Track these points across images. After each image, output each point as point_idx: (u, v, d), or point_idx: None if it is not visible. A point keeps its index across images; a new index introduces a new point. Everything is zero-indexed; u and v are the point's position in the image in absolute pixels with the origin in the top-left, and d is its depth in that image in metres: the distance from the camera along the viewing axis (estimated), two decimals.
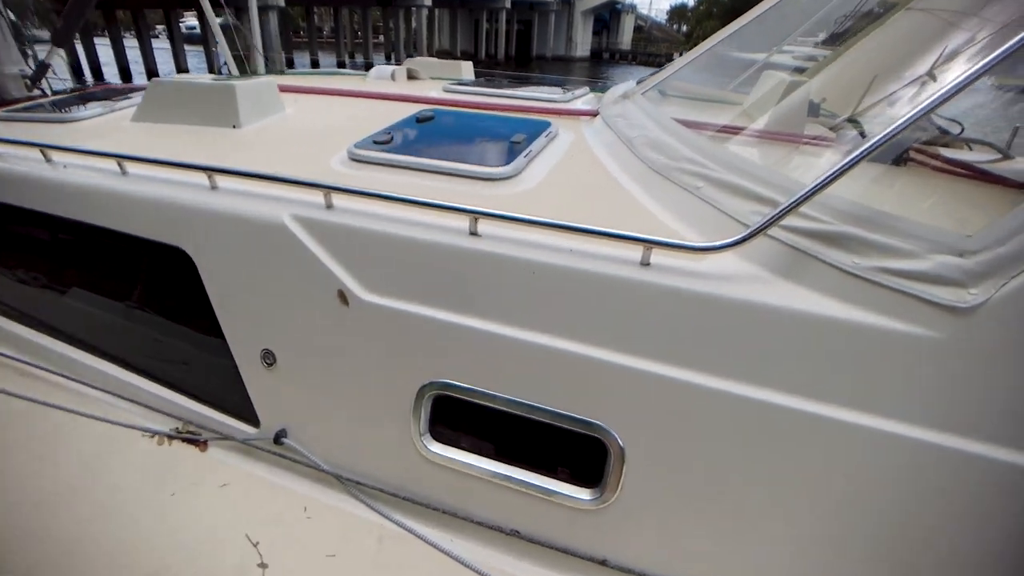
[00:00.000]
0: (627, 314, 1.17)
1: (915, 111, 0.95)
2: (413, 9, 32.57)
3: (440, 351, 1.35)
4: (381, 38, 43.85)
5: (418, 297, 1.33)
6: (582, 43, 51.40)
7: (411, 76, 3.46)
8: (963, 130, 2.49)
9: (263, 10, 22.22)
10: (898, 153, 1.75)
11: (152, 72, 24.19)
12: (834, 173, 0.96)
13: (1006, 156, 2.02)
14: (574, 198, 1.49)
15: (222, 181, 1.54)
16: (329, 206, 1.39)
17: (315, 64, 33.23)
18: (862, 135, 2.29)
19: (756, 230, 1.04)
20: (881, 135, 0.95)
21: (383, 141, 1.72)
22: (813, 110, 2.62)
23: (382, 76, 3.37)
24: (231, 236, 1.48)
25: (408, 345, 1.37)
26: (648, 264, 1.15)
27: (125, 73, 24.55)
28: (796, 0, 2.54)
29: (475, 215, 1.25)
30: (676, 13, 79.60)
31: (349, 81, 3.35)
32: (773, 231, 1.09)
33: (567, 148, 1.89)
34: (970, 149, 2.07)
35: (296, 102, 2.49)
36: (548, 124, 2.00)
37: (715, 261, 1.14)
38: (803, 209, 1.05)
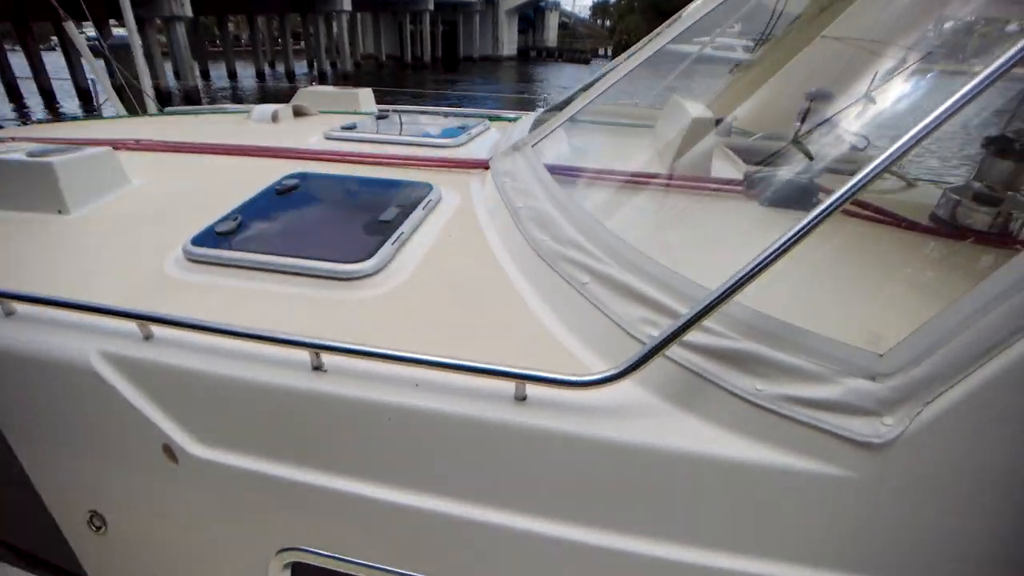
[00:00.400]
0: (504, 462, 1.01)
1: (887, 155, 0.81)
2: (333, 14, 31.57)
3: (290, 513, 1.15)
4: (303, 44, 42.49)
5: (259, 450, 1.12)
6: (508, 42, 51.65)
7: (299, 113, 3.18)
8: (868, 144, 2.56)
9: (169, 21, 20.86)
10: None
11: (44, 89, 22.17)
12: (746, 274, 0.83)
13: (909, 184, 2.06)
14: (449, 300, 1.29)
15: (20, 305, 1.22)
16: (147, 337, 1.14)
17: (232, 75, 31.75)
18: (809, 157, 2.30)
19: (645, 356, 0.89)
20: (833, 199, 0.82)
21: (226, 231, 1.47)
22: (724, 129, 2.64)
23: (263, 118, 3.02)
24: (31, 381, 1.20)
25: (252, 507, 1.17)
26: (524, 399, 0.99)
27: (12, 90, 22.19)
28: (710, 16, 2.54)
29: (315, 349, 1.03)
30: (599, 9, 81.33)
31: (226, 125, 3.02)
32: (670, 349, 0.95)
33: (448, 219, 1.69)
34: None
35: (151, 166, 2.14)
36: (429, 188, 1.80)
37: (601, 390, 0.98)
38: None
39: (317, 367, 1.07)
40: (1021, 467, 0.83)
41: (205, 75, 30.73)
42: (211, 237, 1.45)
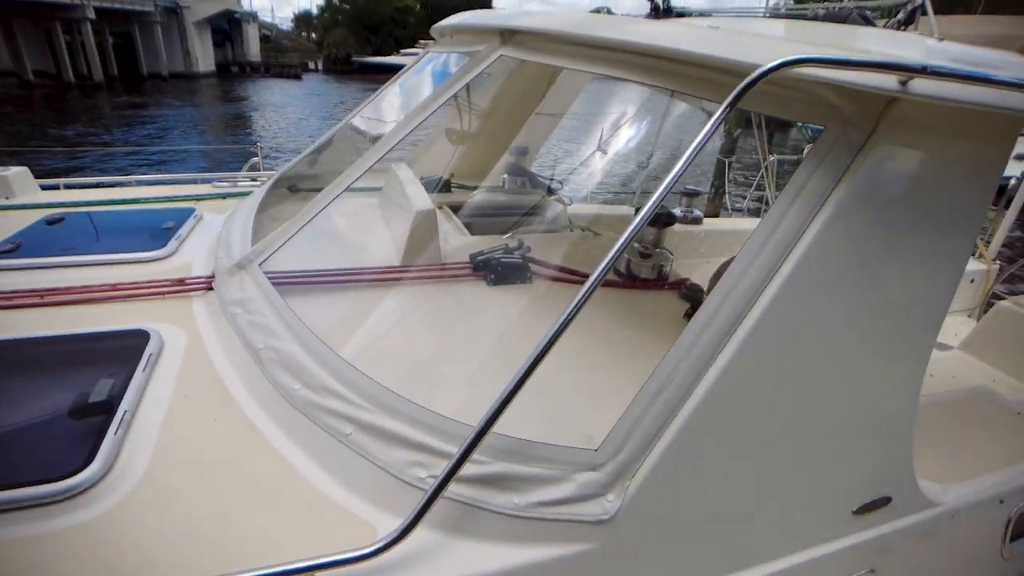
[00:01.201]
0: None
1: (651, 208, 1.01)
2: None
3: None
4: None
5: None
6: (204, 57, 46.25)
7: None
8: (561, 186, 3.37)
9: None
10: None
11: None
12: (500, 405, 0.95)
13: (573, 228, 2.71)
14: (206, 491, 1.11)
15: None
16: None
17: None
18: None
19: (424, 506, 0.96)
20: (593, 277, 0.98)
21: None
22: (445, 186, 3.08)
23: None
24: None
25: None
26: None
27: None
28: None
29: None
30: (302, 21, 78.39)
31: None
32: (428, 478, 1.07)
33: (179, 373, 1.41)
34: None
35: None
36: (146, 338, 1.47)
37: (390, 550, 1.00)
38: (455, 448, 1.03)
39: None
40: (705, 504, 1.16)
41: None
42: None
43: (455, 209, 2.75)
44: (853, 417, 1.28)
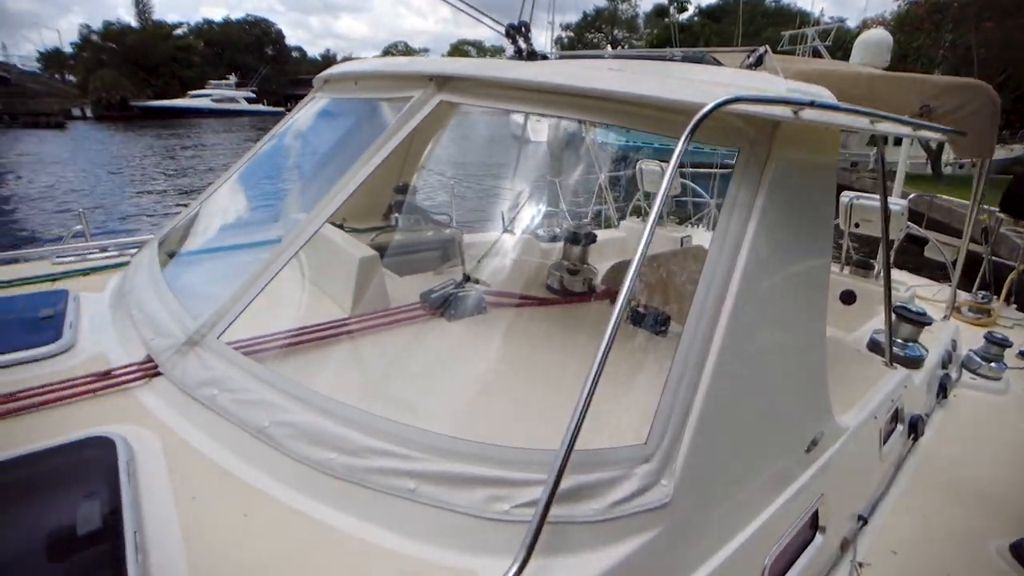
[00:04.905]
0: None
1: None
2: None
3: None
4: None
5: None
6: None
7: None
8: (451, 219, 3.48)
9: None
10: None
11: None
12: (577, 423, 0.99)
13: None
14: None
15: None
16: None
17: None
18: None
19: (533, 539, 0.94)
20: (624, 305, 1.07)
21: None
22: (339, 228, 2.99)
23: None
24: None
25: None
26: None
27: None
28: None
29: None
30: (52, 61, 66.86)
31: None
32: (512, 510, 1.11)
33: (170, 476, 1.24)
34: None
35: None
36: (111, 445, 1.27)
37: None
38: (531, 475, 1.13)
39: None
40: (729, 465, 1.35)
41: None
42: None
43: None
44: (799, 372, 1.62)
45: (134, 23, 66.03)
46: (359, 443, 1.22)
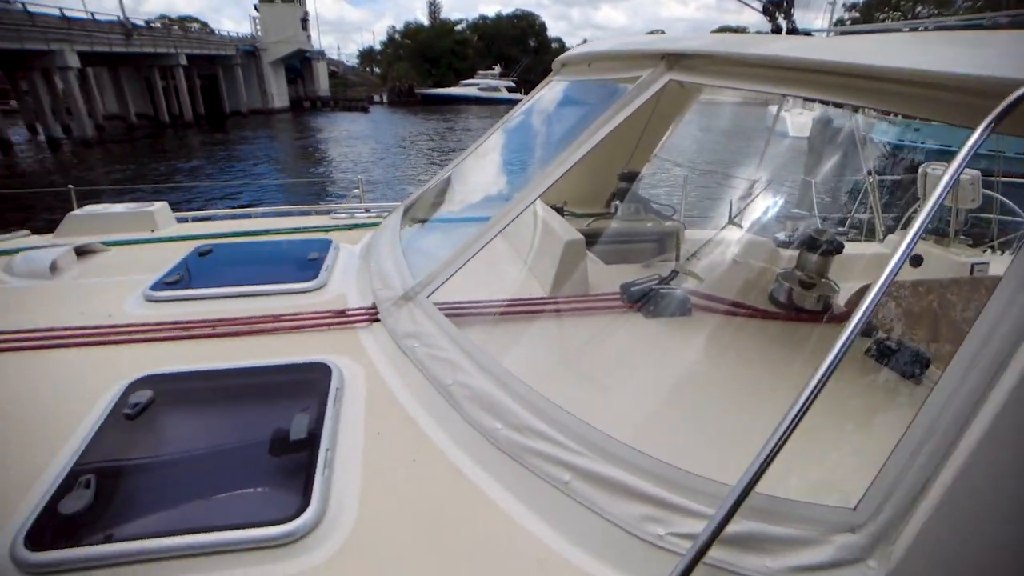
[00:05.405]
0: None
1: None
2: (55, 71, 26.84)
3: None
4: (13, 103, 34.99)
5: None
6: (278, 94, 49.52)
7: (83, 252, 2.45)
8: (675, 212, 3.32)
9: None
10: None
11: None
12: (766, 460, 0.86)
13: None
14: (420, 544, 1.05)
15: None
16: None
17: None
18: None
19: (687, 568, 0.85)
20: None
21: (77, 512, 1.03)
22: (559, 213, 3.01)
23: (35, 271, 2.15)
24: None
25: None
26: None
27: None
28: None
29: None
30: (366, 56, 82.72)
31: None
32: (667, 536, 0.99)
33: (365, 409, 1.39)
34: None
35: None
36: (328, 372, 1.46)
37: None
38: (697, 505, 0.98)
39: None
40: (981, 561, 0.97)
41: None
42: (57, 526, 1.01)
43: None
44: None
45: (426, 22, 77.70)
46: (524, 421, 1.21)
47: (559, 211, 3.06)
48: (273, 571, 0.97)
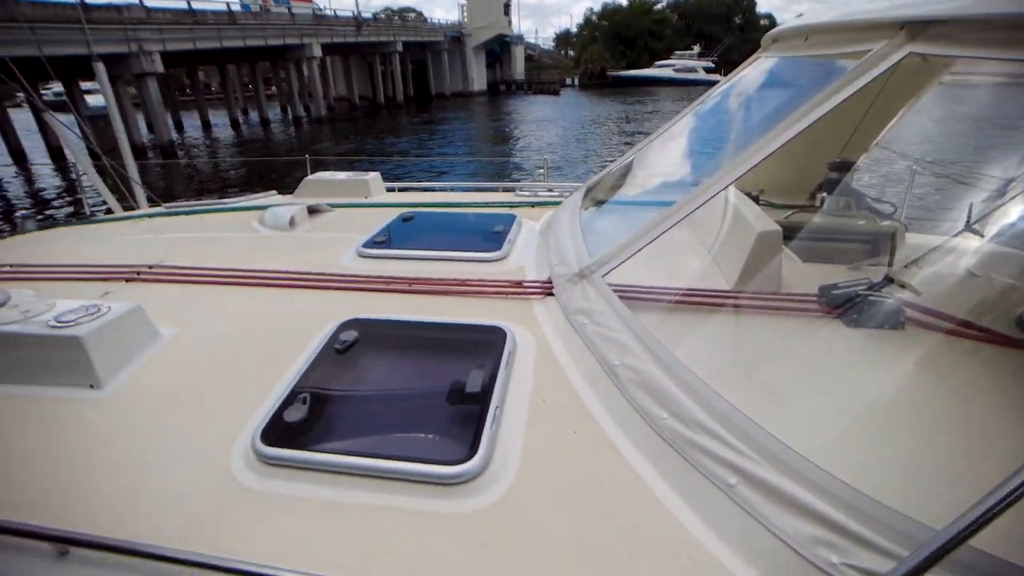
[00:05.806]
0: None
1: None
2: (304, 60, 31.91)
3: None
4: (274, 89, 42.68)
5: None
6: (478, 78, 52.70)
7: (314, 211, 2.95)
8: (895, 210, 2.68)
9: (140, 78, 20.80)
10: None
11: (14, 149, 21.60)
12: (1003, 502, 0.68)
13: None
14: (573, 512, 1.07)
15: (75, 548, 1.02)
16: None
17: (206, 125, 31.62)
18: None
19: None
20: None
21: (297, 420, 1.25)
22: (754, 202, 2.70)
23: (279, 224, 2.71)
24: None
25: None
26: None
27: None
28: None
29: None
30: (561, 40, 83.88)
31: (239, 236, 2.70)
32: (841, 566, 0.87)
33: (533, 377, 1.46)
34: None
35: (173, 305, 1.90)
36: (503, 335, 1.56)
37: None
38: (883, 539, 0.85)
39: None
40: None
41: (179, 126, 30.58)
42: (281, 430, 1.23)
43: None
44: None
45: (624, 2, 75.53)
46: (691, 414, 1.16)
47: (755, 200, 2.78)
48: (438, 507, 1.07)
